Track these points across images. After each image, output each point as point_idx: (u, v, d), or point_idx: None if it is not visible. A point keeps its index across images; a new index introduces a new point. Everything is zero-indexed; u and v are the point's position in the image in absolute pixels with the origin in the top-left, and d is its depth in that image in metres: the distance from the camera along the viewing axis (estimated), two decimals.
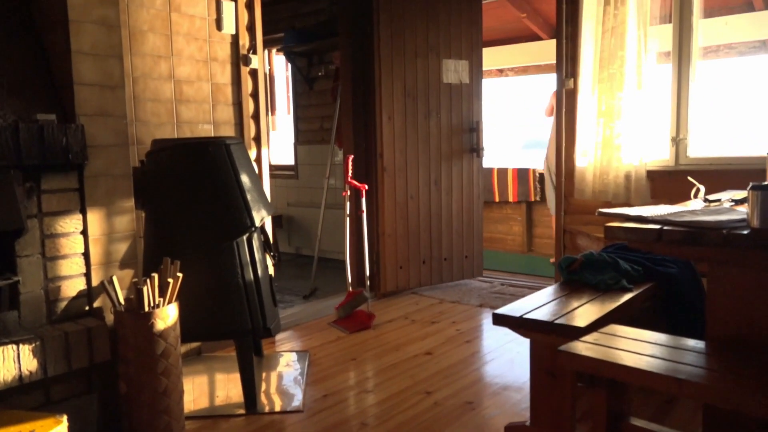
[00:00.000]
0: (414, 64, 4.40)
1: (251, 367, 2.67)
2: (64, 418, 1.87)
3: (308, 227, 5.93)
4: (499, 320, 2.26)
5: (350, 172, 3.97)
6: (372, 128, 4.38)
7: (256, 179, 2.82)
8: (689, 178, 2.56)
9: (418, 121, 4.46)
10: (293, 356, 3.31)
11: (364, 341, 3.55)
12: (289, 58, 6.01)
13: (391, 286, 4.45)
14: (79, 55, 2.33)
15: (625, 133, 3.79)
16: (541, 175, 5.79)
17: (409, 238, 4.48)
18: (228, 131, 3.40)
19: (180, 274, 2.41)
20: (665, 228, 1.76)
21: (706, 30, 4.03)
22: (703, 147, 3.74)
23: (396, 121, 4.37)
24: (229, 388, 2.88)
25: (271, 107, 6.52)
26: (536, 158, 6.34)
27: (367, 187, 4.06)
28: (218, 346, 3.35)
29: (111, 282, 2.36)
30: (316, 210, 5.47)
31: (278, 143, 6.58)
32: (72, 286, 2.36)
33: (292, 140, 6.28)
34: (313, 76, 5.98)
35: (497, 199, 6.13)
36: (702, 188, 2.39)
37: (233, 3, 3.35)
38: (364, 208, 4.03)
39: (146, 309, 2.29)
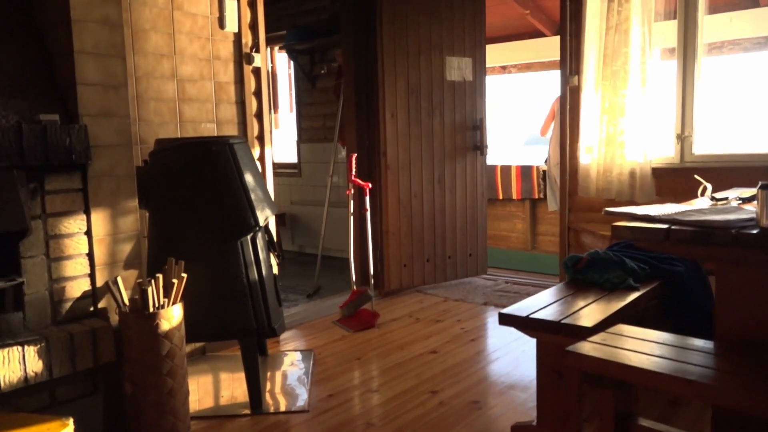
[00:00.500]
0: (417, 61, 4.39)
1: (256, 367, 2.66)
2: (71, 421, 1.86)
3: (312, 225, 5.92)
4: (505, 320, 2.25)
5: (354, 170, 3.96)
6: (375, 126, 4.37)
7: (260, 178, 2.81)
8: (696, 176, 2.54)
9: (421, 119, 4.45)
10: (298, 355, 3.30)
11: (369, 340, 3.54)
12: (292, 55, 6.00)
13: (395, 285, 4.45)
14: (81, 54, 2.32)
15: (629, 131, 3.77)
16: (545, 172, 5.78)
17: (413, 236, 4.47)
18: (231, 130, 3.39)
19: (184, 275, 2.40)
20: (673, 228, 1.75)
21: (710, 26, 4.01)
22: (708, 144, 3.72)
23: (399, 119, 4.35)
24: (234, 387, 2.87)
25: (274, 105, 6.52)
26: (538, 154, 6.32)
27: (370, 185, 4.05)
28: (223, 346, 3.34)
29: (115, 282, 2.36)
30: (319, 208, 5.46)
31: (281, 141, 6.57)
32: (76, 287, 2.35)
33: (295, 138, 6.26)
34: (316, 73, 5.97)
35: (501, 197, 6.12)
36: (709, 186, 2.37)
37: (236, 1, 3.34)
38: (367, 206, 4.02)
39: (151, 309, 2.29)
